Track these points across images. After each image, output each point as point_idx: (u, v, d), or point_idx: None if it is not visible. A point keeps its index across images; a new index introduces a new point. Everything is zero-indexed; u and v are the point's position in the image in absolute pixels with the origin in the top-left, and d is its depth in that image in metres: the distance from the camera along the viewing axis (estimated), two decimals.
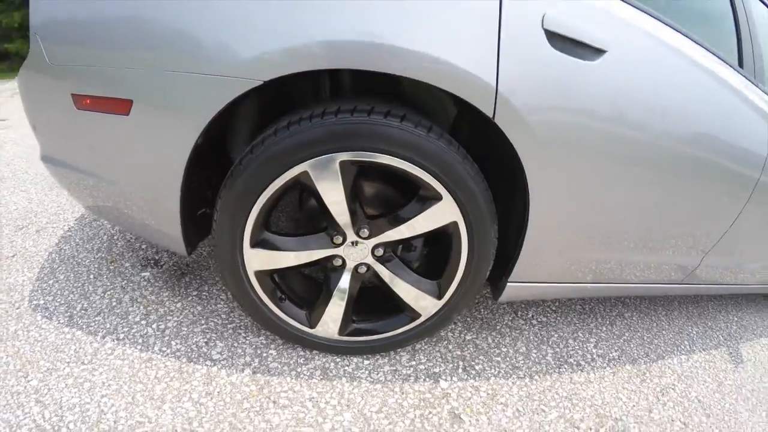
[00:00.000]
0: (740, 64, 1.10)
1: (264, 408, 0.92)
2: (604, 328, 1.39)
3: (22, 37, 5.45)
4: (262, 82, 0.73)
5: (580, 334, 1.33)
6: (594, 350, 1.27)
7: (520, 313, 1.35)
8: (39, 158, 1.02)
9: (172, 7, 0.74)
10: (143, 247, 1.44)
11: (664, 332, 1.45)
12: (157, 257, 1.39)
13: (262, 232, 0.89)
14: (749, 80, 1.08)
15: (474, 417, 0.97)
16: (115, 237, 1.49)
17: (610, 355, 1.27)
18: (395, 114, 0.78)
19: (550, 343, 1.25)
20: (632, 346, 1.33)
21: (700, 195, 1.05)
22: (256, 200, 0.84)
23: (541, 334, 1.28)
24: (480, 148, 0.92)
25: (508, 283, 1.01)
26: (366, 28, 0.71)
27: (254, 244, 0.89)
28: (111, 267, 1.33)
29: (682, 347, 1.40)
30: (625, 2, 0.85)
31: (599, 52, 0.80)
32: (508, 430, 0.95)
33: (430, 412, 0.96)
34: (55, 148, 0.95)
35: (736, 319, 1.68)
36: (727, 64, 1.02)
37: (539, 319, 1.35)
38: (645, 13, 0.87)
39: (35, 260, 1.34)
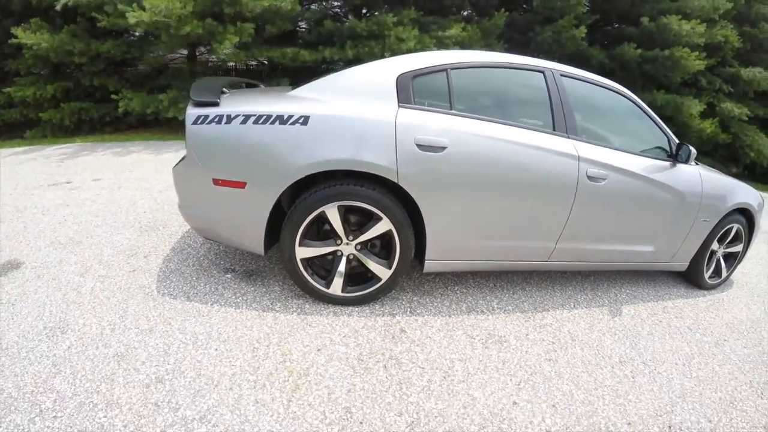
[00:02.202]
0: (554, 128, 2.27)
1: (306, 327, 2.06)
2: (507, 294, 2.51)
3: (54, 107, 6.85)
4: (314, 172, 1.94)
5: (488, 297, 2.45)
6: (496, 305, 2.38)
7: (448, 284, 2.49)
8: (177, 207, 2.24)
9: (264, 142, 1.97)
10: (220, 262, 2.63)
11: (555, 297, 2.58)
12: (232, 267, 2.57)
13: (303, 239, 2.08)
14: (562, 136, 2.24)
15: (413, 331, 2.09)
16: (201, 257, 2.69)
17: (507, 308, 2.37)
18: (360, 184, 1.99)
19: (466, 301, 2.37)
20: (526, 304, 2.44)
21: (543, 204, 2.19)
22: (302, 224, 2.03)
23: (460, 295, 2.40)
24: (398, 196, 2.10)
25: (426, 261, 2.17)
26: (343, 154, 1.93)
27: (300, 245, 2.08)
28: (204, 273, 2.51)
29: (567, 306, 2.50)
30: (462, 116, 2.05)
31: (443, 148, 1.98)
32: (430, 336, 2.06)
33: (390, 328, 2.08)
34: (197, 203, 2.16)
35: (628, 291, 2.84)
36: (541, 131, 2.19)
37: (460, 288, 2.48)
38: (475, 119, 2.06)
39: (152, 272, 2.48)
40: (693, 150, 2.67)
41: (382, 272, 2.16)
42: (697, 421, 1.89)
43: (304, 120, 1.94)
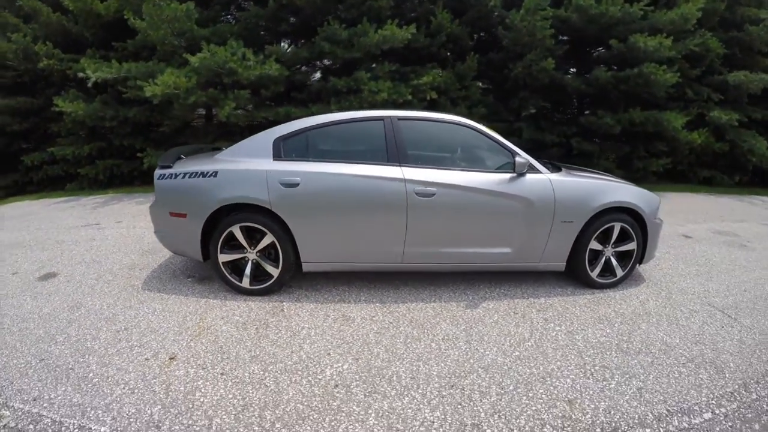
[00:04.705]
0: (389, 159, 3.42)
1: (222, 307, 3.43)
2: (379, 291, 3.69)
3: (90, 163, 8.82)
4: (221, 206, 3.34)
5: (361, 292, 3.63)
6: (363, 298, 3.54)
7: (336, 283, 3.77)
8: (153, 232, 3.78)
9: (193, 189, 3.45)
10: (187, 271, 4.12)
11: (422, 294, 3.67)
12: (193, 274, 4.05)
13: (223, 249, 3.47)
14: (393, 165, 3.38)
15: (289, 310, 3.35)
16: (176, 269, 4.20)
17: (371, 300, 3.53)
18: (252, 212, 3.38)
19: (341, 294, 3.58)
20: (390, 299, 3.60)
21: (382, 217, 3.33)
22: (220, 238, 3.40)
23: (339, 290, 3.63)
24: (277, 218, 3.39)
25: (303, 263, 3.46)
26: (238, 193, 3.31)
27: (221, 253, 3.46)
28: (174, 278, 3.98)
29: (428, 300, 3.62)
30: (313, 161, 3.38)
31: (297, 184, 3.28)
32: (299, 314, 3.30)
33: (274, 308, 3.36)
34: (162, 228, 3.66)
35: (502, 290, 3.76)
36: (377, 163, 3.38)
37: (342, 286, 3.70)
38: (323, 162, 3.38)
39: (142, 278, 4.00)
40: (520, 161, 3.36)
41: (274, 272, 3.48)
42: (487, 386, 2.46)
43: (215, 174, 3.39)
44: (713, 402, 2.41)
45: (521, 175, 3.45)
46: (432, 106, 7.99)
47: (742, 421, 2.28)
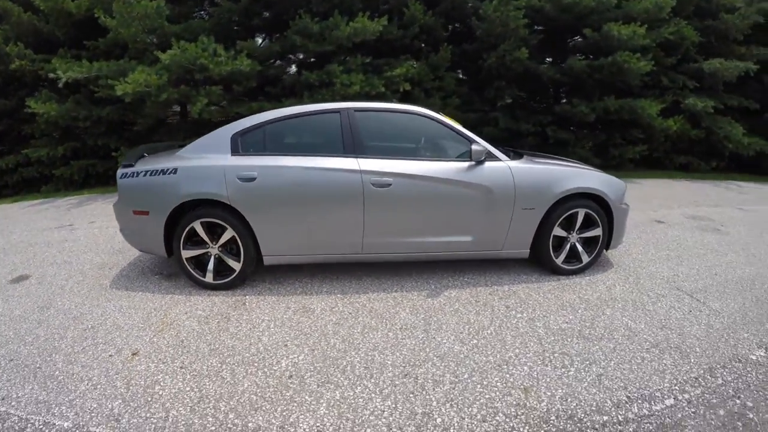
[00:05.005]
0: (345, 151, 3.48)
1: (186, 302, 3.46)
2: (341, 282, 3.75)
3: (64, 164, 8.72)
4: (181, 202, 3.38)
5: (323, 283, 3.70)
6: (324, 290, 3.63)
7: (299, 275, 3.82)
8: (119, 230, 3.78)
9: (155, 186, 3.45)
10: (155, 269, 4.13)
11: (384, 284, 3.74)
12: (160, 271, 4.06)
13: (186, 244, 3.50)
14: (349, 157, 3.44)
15: (251, 303, 3.40)
16: (144, 267, 4.20)
17: (332, 292, 3.64)
18: (212, 207, 3.41)
19: (304, 287, 3.64)
20: (351, 290, 3.69)
21: (339, 208, 3.38)
22: (182, 235, 3.44)
23: (302, 282, 3.69)
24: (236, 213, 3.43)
25: (264, 257, 3.51)
26: (196, 189, 3.34)
27: (184, 249, 3.50)
28: (142, 275, 3.99)
29: (390, 290, 3.70)
30: (270, 155, 3.42)
31: (254, 178, 3.33)
32: (261, 307, 3.36)
33: (237, 301, 3.41)
34: (126, 226, 3.68)
35: (466, 279, 3.78)
36: (333, 155, 3.43)
37: (305, 278, 3.78)
38: (280, 155, 3.42)
39: (111, 276, 4.02)
40: (477, 149, 3.38)
41: (236, 266, 3.53)
42: (441, 375, 2.48)
43: (175, 171, 3.41)
44: (676, 388, 2.40)
45: (480, 163, 3.48)
46: (406, 98, 8.05)
47: (707, 407, 2.26)
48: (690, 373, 2.52)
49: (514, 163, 3.58)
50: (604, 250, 3.96)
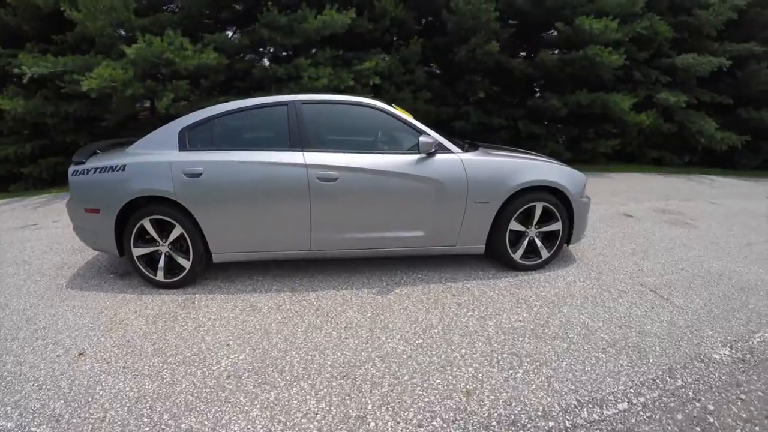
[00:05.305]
0: (291, 144, 3.47)
1: (137, 301, 3.44)
2: (292, 280, 3.77)
3: (33, 162, 8.61)
4: (129, 200, 3.36)
5: (275, 282, 3.72)
6: (275, 288, 3.64)
7: (252, 273, 3.82)
8: (72, 228, 3.73)
9: (104, 183, 3.41)
10: (111, 268, 4.09)
11: (336, 282, 3.77)
12: (115, 271, 4.02)
13: (137, 242, 3.48)
14: (296, 150, 3.43)
15: (199, 302, 3.40)
16: (101, 266, 4.16)
17: (282, 290, 3.63)
18: (160, 204, 3.38)
19: (254, 285, 3.66)
20: (302, 287, 3.70)
21: (286, 204, 3.36)
22: (132, 232, 3.43)
23: (253, 281, 3.71)
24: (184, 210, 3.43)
25: (212, 254, 3.53)
26: (144, 185, 3.33)
27: (135, 247, 3.48)
28: (98, 275, 3.96)
29: (341, 288, 3.71)
30: (217, 150, 3.42)
31: (200, 174, 3.33)
32: (209, 306, 3.36)
33: (186, 300, 3.42)
34: (79, 224, 3.64)
35: (419, 275, 3.81)
36: (279, 150, 3.41)
37: (257, 276, 3.80)
38: (226, 150, 3.41)
39: (68, 276, 3.99)
40: (425, 141, 3.32)
41: (186, 264, 3.53)
42: (381, 376, 2.42)
43: (123, 167, 3.40)
44: (631, 390, 2.29)
45: (430, 155, 3.42)
46: (375, 91, 8.05)
47: (663, 411, 2.16)
48: (647, 375, 2.42)
49: (467, 156, 3.52)
50: (566, 245, 3.92)
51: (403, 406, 2.22)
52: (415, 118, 3.69)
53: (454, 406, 2.21)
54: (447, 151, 3.50)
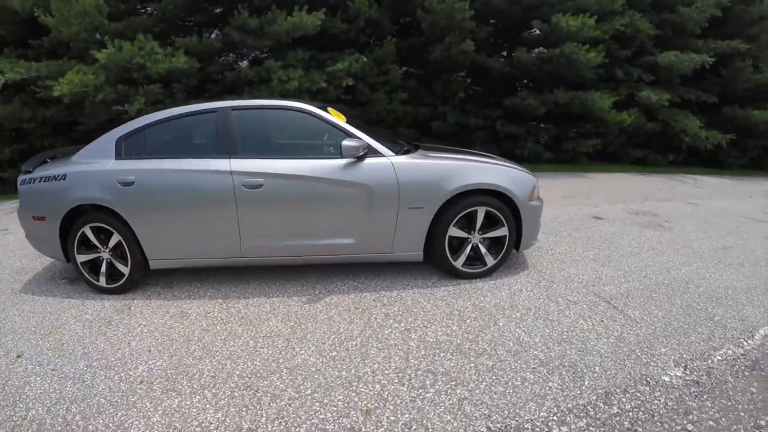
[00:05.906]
0: (219, 151, 3.55)
1: (80, 306, 3.56)
2: (226, 286, 3.90)
3: (12, 167, 8.73)
4: (71, 207, 3.50)
5: (210, 288, 3.85)
6: (208, 293, 3.78)
7: (181, 278, 3.94)
8: (24, 236, 3.87)
9: (48, 192, 3.55)
10: (64, 274, 4.22)
11: (269, 289, 3.88)
12: (68, 276, 4.16)
13: (81, 249, 3.63)
14: (222, 158, 3.50)
15: (136, 308, 3.54)
16: (55, 272, 4.29)
17: (228, 296, 3.75)
18: (100, 212, 3.51)
19: (185, 289, 3.79)
20: (236, 295, 3.83)
21: (214, 211, 3.44)
22: (75, 239, 3.58)
23: (192, 288, 3.84)
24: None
25: (149, 261, 3.66)
26: (84, 194, 3.48)
27: (78, 253, 3.62)
28: (51, 281, 4.10)
29: (275, 295, 3.81)
30: (148, 159, 3.54)
31: (132, 183, 3.45)
32: (143, 312, 3.49)
33: (125, 306, 3.55)
34: (29, 232, 3.79)
35: (353, 283, 3.89)
36: (205, 157, 3.50)
37: (191, 282, 3.92)
38: (157, 159, 3.53)
39: (24, 281, 4.13)
40: (348, 144, 3.22)
41: (125, 270, 3.67)
42: (283, 389, 2.41)
43: (63, 177, 3.55)
44: (554, 418, 2.06)
45: (360, 159, 3.36)
46: (349, 93, 8.13)
47: None
48: (578, 400, 2.19)
49: (399, 159, 3.44)
50: (515, 251, 3.80)
51: (295, 423, 2.17)
52: (389, 119, 3.82)
53: (348, 426, 2.12)
54: (378, 154, 3.43)
